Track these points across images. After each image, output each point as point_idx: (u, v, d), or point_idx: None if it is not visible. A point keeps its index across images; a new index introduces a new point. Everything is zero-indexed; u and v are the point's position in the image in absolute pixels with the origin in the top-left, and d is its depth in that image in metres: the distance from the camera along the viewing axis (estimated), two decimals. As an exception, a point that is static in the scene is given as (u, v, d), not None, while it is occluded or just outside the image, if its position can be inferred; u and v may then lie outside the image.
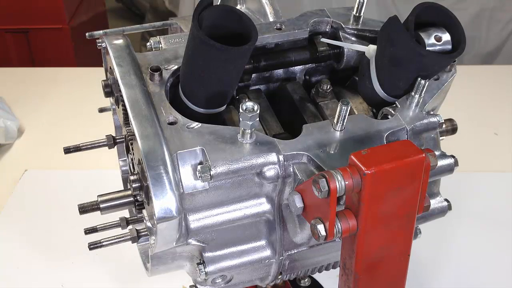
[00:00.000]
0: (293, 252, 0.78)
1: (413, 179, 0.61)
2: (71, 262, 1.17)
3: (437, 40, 0.73)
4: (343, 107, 0.69)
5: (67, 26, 2.36)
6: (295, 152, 0.69)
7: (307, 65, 0.88)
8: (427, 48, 0.73)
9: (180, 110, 0.72)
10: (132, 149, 0.75)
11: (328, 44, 0.85)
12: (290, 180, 0.69)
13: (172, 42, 0.82)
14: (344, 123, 0.71)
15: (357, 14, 0.85)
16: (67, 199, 1.14)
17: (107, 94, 0.81)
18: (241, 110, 0.65)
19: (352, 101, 0.82)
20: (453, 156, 0.78)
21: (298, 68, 0.88)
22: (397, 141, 0.70)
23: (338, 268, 0.70)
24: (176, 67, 0.76)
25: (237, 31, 0.68)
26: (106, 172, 1.26)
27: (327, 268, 0.90)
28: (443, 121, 0.77)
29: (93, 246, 0.78)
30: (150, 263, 0.77)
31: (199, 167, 0.65)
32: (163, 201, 0.63)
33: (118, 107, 0.80)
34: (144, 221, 0.72)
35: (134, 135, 0.67)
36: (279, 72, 0.87)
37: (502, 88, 1.71)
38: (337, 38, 0.85)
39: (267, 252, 0.76)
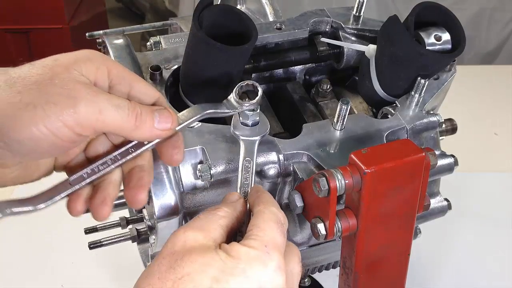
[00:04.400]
0: (293, 251, 0.78)
1: (413, 178, 0.61)
2: (71, 262, 1.17)
3: (437, 39, 0.73)
4: (343, 106, 0.69)
5: (67, 26, 2.36)
6: (295, 151, 0.69)
7: (307, 65, 0.88)
8: (427, 48, 0.73)
9: (180, 109, 0.72)
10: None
11: (328, 44, 0.85)
12: (290, 179, 0.69)
13: (172, 41, 0.82)
14: (344, 123, 0.71)
15: (357, 13, 0.85)
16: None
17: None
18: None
19: (352, 100, 0.82)
20: (453, 156, 0.78)
21: (298, 68, 0.88)
22: (397, 140, 0.71)
23: (338, 268, 0.70)
24: (176, 66, 0.76)
25: (237, 30, 0.68)
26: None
27: (327, 268, 0.90)
28: (442, 120, 0.77)
29: (93, 245, 0.78)
30: (150, 262, 0.77)
31: (199, 166, 0.65)
32: (163, 200, 0.63)
33: (118, 107, 0.80)
34: (144, 220, 0.72)
35: (134, 134, 0.67)
36: (279, 72, 0.87)
37: (502, 88, 1.71)
38: (337, 37, 0.85)
39: (267, 252, 0.76)
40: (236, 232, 0.55)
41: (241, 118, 0.65)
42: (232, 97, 0.62)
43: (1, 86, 0.50)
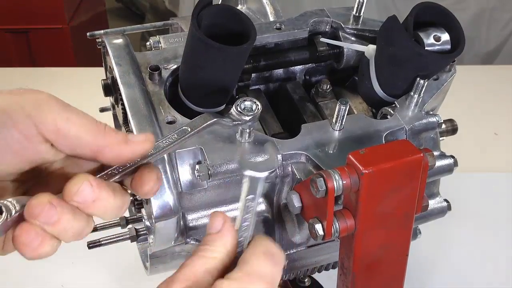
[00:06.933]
0: (292, 252, 0.78)
1: (411, 179, 0.61)
2: (71, 262, 1.17)
3: (436, 40, 0.73)
4: (342, 107, 0.69)
5: (67, 26, 2.36)
6: (293, 152, 0.69)
7: (307, 65, 0.88)
8: (426, 48, 0.73)
9: (179, 109, 0.72)
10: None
11: (328, 44, 0.85)
12: (289, 179, 0.69)
13: (171, 41, 0.82)
14: (343, 123, 0.71)
15: (357, 14, 0.85)
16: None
17: (107, 93, 0.81)
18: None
19: (352, 101, 0.82)
20: (452, 156, 0.78)
21: (298, 68, 0.88)
22: (395, 141, 0.71)
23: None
24: (175, 66, 0.76)
25: (236, 30, 0.68)
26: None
27: (326, 268, 0.90)
28: (442, 121, 0.77)
29: (92, 245, 0.78)
30: (149, 262, 0.77)
31: (197, 166, 0.65)
32: (161, 200, 0.63)
33: (118, 107, 0.81)
34: (143, 220, 0.72)
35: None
36: (279, 72, 0.87)
37: (502, 88, 1.71)
38: (336, 38, 0.85)
39: (266, 252, 0.76)
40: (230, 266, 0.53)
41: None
42: (233, 110, 0.64)
43: None
